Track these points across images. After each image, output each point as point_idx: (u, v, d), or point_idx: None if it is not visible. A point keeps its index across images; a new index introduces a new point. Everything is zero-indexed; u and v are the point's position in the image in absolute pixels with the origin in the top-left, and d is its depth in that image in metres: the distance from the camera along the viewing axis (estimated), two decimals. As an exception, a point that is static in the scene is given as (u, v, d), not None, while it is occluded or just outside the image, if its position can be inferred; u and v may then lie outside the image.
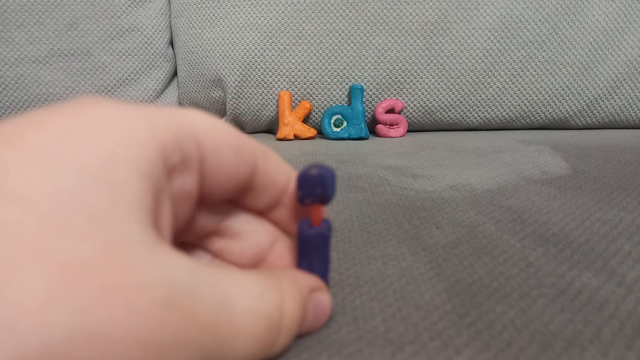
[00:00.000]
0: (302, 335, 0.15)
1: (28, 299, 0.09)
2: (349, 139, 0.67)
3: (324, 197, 0.16)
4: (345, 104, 0.70)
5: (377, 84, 0.70)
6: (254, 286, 0.13)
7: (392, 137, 0.69)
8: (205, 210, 0.16)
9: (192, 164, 0.14)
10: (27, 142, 0.11)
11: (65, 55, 0.72)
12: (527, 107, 0.72)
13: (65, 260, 0.10)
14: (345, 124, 0.68)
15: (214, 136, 0.14)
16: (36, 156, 0.11)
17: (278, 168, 0.16)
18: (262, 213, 0.17)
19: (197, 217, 0.16)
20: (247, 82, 0.70)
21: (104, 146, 0.11)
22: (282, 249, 0.18)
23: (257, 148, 0.16)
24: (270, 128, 0.76)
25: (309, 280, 0.16)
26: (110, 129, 0.12)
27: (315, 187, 0.16)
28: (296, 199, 0.16)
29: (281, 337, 0.13)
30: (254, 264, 0.17)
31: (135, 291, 0.10)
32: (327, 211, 0.19)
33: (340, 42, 0.69)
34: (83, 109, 0.12)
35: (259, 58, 0.69)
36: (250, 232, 0.17)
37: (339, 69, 0.70)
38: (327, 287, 0.17)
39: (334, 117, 0.68)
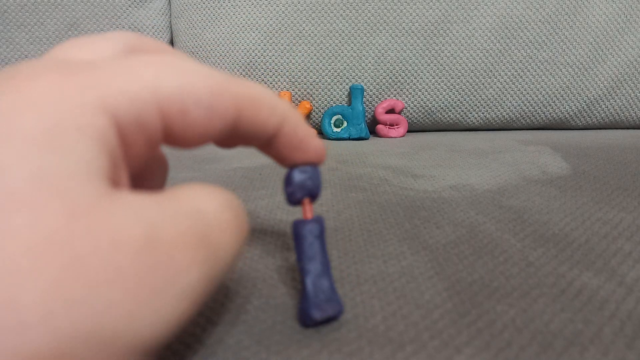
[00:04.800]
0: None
1: None
2: (349, 139, 0.67)
3: (314, 191, 0.17)
4: (345, 104, 0.70)
5: (377, 84, 0.70)
6: (210, 190, 0.14)
7: (392, 137, 0.69)
8: None
9: (152, 134, 0.13)
10: None
11: (66, 55, 0.72)
12: (527, 107, 0.72)
13: (27, 239, 0.09)
14: (345, 124, 0.68)
15: (180, 96, 0.13)
16: None
17: (269, 115, 0.15)
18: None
19: None
20: (247, 82, 0.70)
21: (49, 116, 0.10)
22: None
23: (241, 97, 0.14)
24: (270, 128, 0.76)
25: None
26: (54, 99, 0.11)
27: (305, 181, 0.17)
28: (286, 198, 0.17)
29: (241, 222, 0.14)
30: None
31: (111, 247, 0.10)
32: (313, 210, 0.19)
33: (340, 42, 0.69)
34: (22, 83, 0.11)
35: (259, 58, 0.70)
36: None
37: (339, 69, 0.70)
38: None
39: (334, 117, 0.68)
